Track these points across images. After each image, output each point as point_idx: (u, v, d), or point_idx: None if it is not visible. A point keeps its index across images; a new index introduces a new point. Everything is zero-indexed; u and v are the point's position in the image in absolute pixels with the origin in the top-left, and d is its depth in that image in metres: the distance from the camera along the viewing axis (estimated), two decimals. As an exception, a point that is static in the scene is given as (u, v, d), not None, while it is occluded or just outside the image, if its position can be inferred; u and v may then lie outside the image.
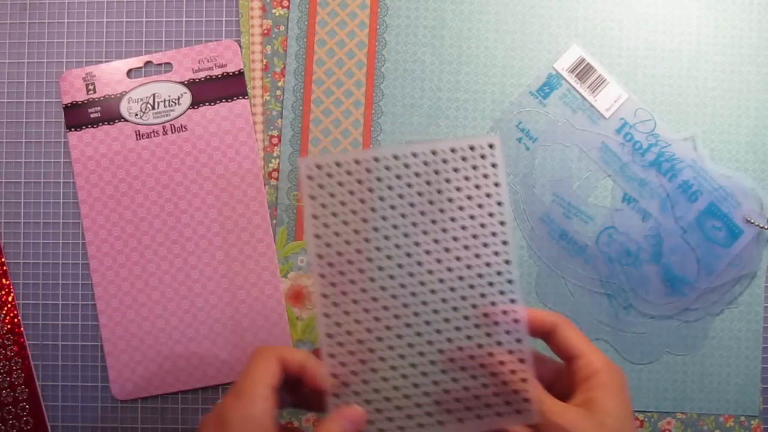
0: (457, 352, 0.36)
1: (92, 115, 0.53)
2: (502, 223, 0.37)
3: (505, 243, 0.37)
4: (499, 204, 0.37)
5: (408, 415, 0.36)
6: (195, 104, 0.53)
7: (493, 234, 0.37)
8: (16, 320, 0.53)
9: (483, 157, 0.37)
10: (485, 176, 0.37)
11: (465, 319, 0.36)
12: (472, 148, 0.37)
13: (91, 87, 0.53)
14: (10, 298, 0.53)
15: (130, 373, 0.52)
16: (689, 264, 0.53)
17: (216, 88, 0.53)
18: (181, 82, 0.53)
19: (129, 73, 0.54)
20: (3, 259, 0.53)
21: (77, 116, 0.53)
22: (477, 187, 0.37)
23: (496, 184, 0.37)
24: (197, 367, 0.52)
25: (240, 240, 0.53)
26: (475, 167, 0.37)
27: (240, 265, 0.53)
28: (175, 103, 0.53)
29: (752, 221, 0.52)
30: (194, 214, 0.53)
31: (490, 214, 0.37)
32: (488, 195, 0.37)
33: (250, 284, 0.53)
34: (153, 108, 0.53)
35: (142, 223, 0.53)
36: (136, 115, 0.53)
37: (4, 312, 0.53)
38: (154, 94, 0.53)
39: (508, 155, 0.54)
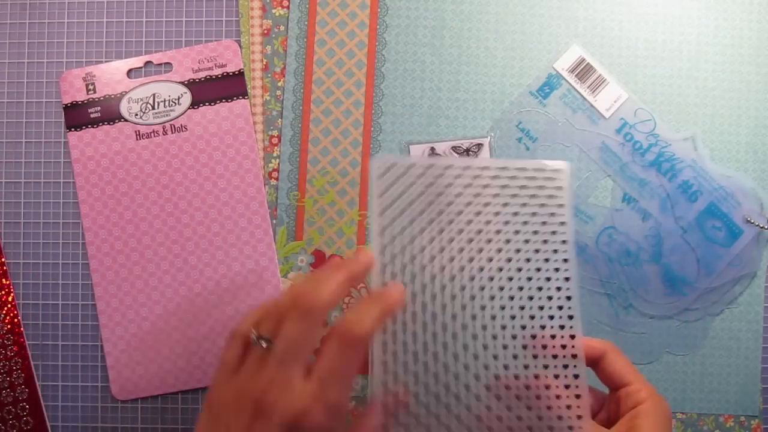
0: (513, 380, 0.36)
1: (92, 115, 0.53)
2: (563, 242, 0.38)
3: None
4: (562, 224, 0.38)
5: None
6: (195, 104, 0.53)
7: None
8: (16, 320, 0.53)
9: (550, 179, 0.38)
10: (550, 197, 0.38)
11: (523, 348, 0.36)
12: (541, 170, 0.39)
13: (91, 87, 0.53)
14: (10, 298, 0.53)
15: (130, 373, 0.52)
16: (689, 264, 0.53)
17: (216, 88, 0.53)
18: (181, 82, 0.53)
19: (129, 73, 0.54)
20: (3, 259, 0.53)
21: (77, 116, 0.53)
22: (542, 206, 0.38)
23: (560, 206, 0.38)
24: (197, 367, 0.52)
25: (240, 240, 0.53)
26: (541, 187, 0.38)
27: (240, 265, 0.53)
28: (175, 103, 0.53)
29: (752, 221, 0.52)
30: (194, 214, 0.53)
31: (553, 233, 0.38)
32: (552, 214, 0.38)
33: (250, 284, 0.53)
34: (153, 108, 0.53)
35: (142, 223, 0.53)
36: (136, 115, 0.53)
37: (4, 312, 0.53)
38: (154, 94, 0.53)
39: (508, 155, 0.54)
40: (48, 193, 0.54)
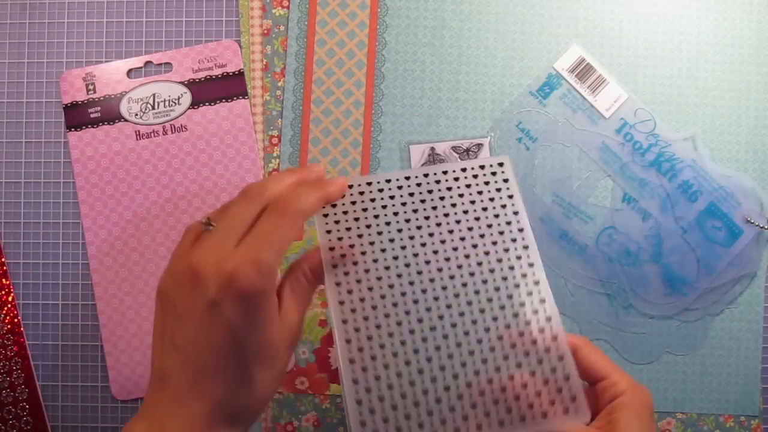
0: (489, 383, 0.35)
1: (92, 115, 0.53)
2: (521, 230, 0.38)
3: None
4: (516, 213, 0.38)
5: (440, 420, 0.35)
6: (195, 104, 0.53)
7: (513, 240, 0.37)
8: (16, 320, 0.53)
9: (494, 174, 0.39)
10: (498, 190, 0.38)
11: (499, 339, 0.36)
12: (482, 167, 0.39)
13: (91, 87, 0.53)
14: (10, 298, 0.53)
15: (130, 373, 0.52)
16: (689, 264, 0.53)
17: (216, 88, 0.53)
18: (181, 82, 0.53)
19: (129, 73, 0.54)
20: (3, 259, 0.53)
21: (77, 116, 0.53)
22: (491, 200, 0.38)
23: (510, 197, 0.38)
24: (197, 367, 0.52)
25: (240, 240, 0.53)
26: (487, 183, 0.38)
27: (240, 265, 0.53)
28: (175, 103, 0.53)
29: (752, 221, 0.52)
30: (194, 214, 0.53)
31: (508, 223, 0.38)
32: (503, 206, 0.38)
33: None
34: (153, 108, 0.53)
35: (142, 223, 0.53)
36: (136, 115, 0.53)
37: (4, 312, 0.53)
38: (154, 94, 0.53)
39: (508, 155, 0.54)
40: (48, 193, 0.54)
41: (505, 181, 0.39)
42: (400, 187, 0.38)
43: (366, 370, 0.35)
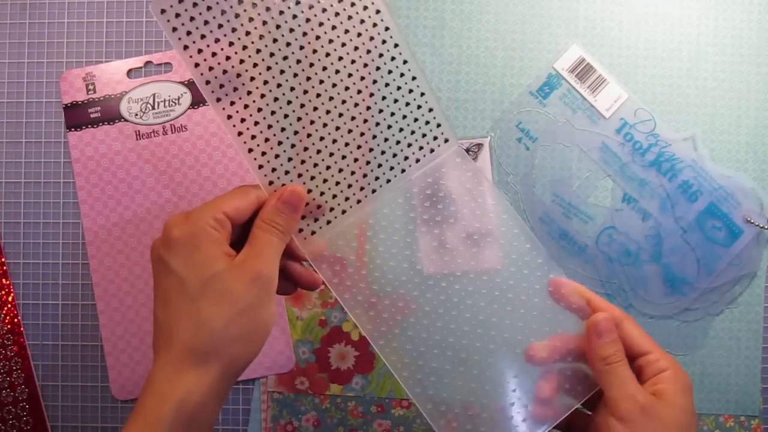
0: None
1: (92, 115, 0.53)
2: (396, 46, 0.37)
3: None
4: (387, 29, 0.37)
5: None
6: (195, 104, 0.53)
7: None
8: (16, 320, 0.53)
9: (365, 8, 0.37)
10: (365, 8, 0.37)
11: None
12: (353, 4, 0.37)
13: (91, 87, 0.53)
14: (10, 298, 0.53)
15: (130, 373, 0.52)
16: (689, 264, 0.53)
17: (216, 88, 0.53)
18: (181, 82, 0.53)
19: (129, 73, 0.54)
20: (3, 259, 0.53)
21: (77, 116, 0.53)
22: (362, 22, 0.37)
23: (378, 12, 0.37)
24: (197, 367, 0.52)
25: (240, 240, 0.53)
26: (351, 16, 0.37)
27: (240, 265, 0.53)
28: (175, 103, 0.53)
29: (752, 221, 0.52)
30: (194, 214, 0.53)
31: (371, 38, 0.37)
32: (375, 25, 0.37)
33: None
34: (153, 108, 0.53)
35: (142, 223, 0.53)
36: (136, 115, 0.53)
37: (4, 312, 0.53)
38: (154, 94, 0.53)
39: (508, 155, 0.54)
40: (48, 193, 0.54)
41: (378, 12, 0.37)
42: (282, 12, 0.36)
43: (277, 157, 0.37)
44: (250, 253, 0.35)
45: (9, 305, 0.53)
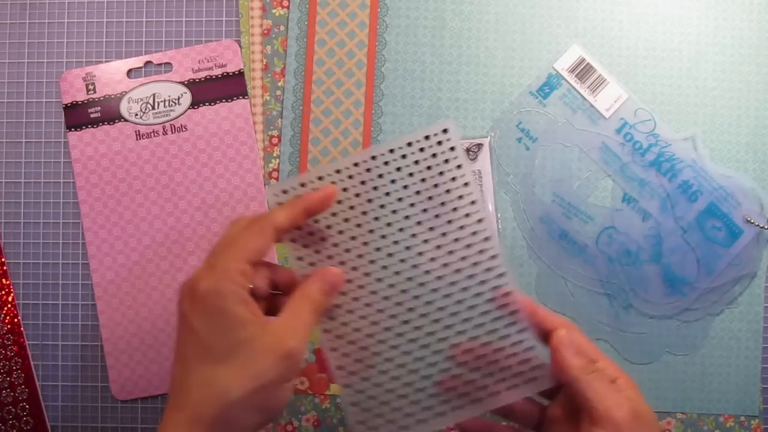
0: (462, 341, 0.37)
1: (92, 115, 0.53)
2: (473, 203, 0.37)
3: (480, 220, 0.37)
4: (466, 185, 0.37)
5: (411, 405, 0.36)
6: (195, 104, 0.53)
7: (467, 216, 0.37)
8: (16, 320, 0.53)
9: (440, 143, 0.37)
10: (446, 161, 0.37)
11: (458, 303, 0.37)
12: (427, 138, 0.37)
13: (91, 87, 0.53)
14: (10, 298, 0.53)
15: (130, 373, 0.52)
16: (689, 264, 0.53)
17: (216, 88, 0.53)
18: (181, 82, 0.53)
19: (129, 73, 0.54)
20: (3, 259, 0.53)
21: (77, 116, 0.53)
22: (441, 174, 0.37)
23: (459, 167, 0.37)
24: (197, 367, 0.52)
25: (240, 240, 0.53)
26: (434, 155, 0.37)
27: (240, 265, 0.53)
28: (175, 103, 0.53)
29: (752, 221, 0.52)
30: (194, 214, 0.53)
31: (460, 197, 0.37)
32: (453, 179, 0.37)
33: (250, 284, 0.53)
34: (153, 108, 0.53)
35: (142, 223, 0.53)
36: (136, 115, 0.53)
37: (4, 312, 0.53)
38: (154, 94, 0.53)
39: (508, 155, 0.54)
40: (48, 193, 0.54)
41: (452, 149, 0.37)
42: (351, 177, 0.37)
43: (354, 374, 0.36)
44: (287, 328, 0.34)
45: (9, 305, 0.53)
